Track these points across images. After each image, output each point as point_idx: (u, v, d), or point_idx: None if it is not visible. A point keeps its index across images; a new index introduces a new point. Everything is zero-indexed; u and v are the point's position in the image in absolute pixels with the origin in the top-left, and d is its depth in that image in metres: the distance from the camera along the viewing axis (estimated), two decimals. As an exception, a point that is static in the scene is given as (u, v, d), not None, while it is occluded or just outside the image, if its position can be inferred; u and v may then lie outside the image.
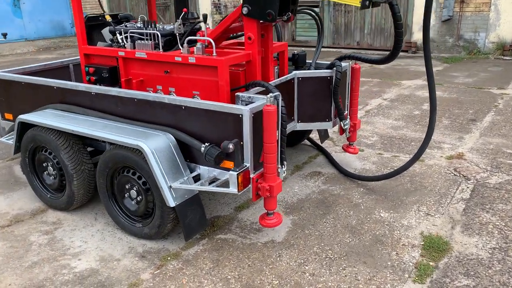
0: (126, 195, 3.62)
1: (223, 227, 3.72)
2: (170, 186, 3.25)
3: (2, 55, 15.16)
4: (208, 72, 3.64)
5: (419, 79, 9.12)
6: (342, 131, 4.57)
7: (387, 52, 3.79)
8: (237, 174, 3.12)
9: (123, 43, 4.26)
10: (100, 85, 4.31)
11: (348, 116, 4.58)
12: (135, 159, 3.38)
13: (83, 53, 4.35)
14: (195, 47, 3.73)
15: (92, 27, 4.75)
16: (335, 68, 4.18)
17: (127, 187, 3.58)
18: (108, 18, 4.38)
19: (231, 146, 3.08)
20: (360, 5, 3.12)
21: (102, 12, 4.63)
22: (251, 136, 3.19)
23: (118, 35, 4.28)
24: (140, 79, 4.06)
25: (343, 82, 4.47)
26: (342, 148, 4.77)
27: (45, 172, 4.14)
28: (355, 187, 4.35)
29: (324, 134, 5.30)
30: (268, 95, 3.15)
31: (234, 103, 3.58)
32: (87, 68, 4.28)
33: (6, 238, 3.71)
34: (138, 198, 3.55)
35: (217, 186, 3.27)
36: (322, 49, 14.26)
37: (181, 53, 3.78)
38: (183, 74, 3.80)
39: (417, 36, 12.45)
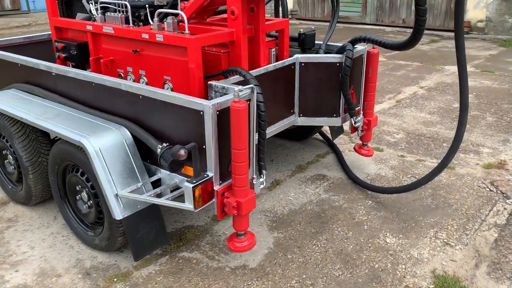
0: (78, 197, 3.07)
1: (191, 242, 3.11)
2: (117, 194, 2.65)
3: (37, 24, 15.07)
4: (179, 53, 2.96)
5: (467, 64, 7.99)
6: (353, 129, 3.79)
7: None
8: (193, 187, 2.47)
9: (95, 15, 3.65)
10: (70, 63, 3.76)
11: (361, 112, 3.78)
12: (81, 157, 2.80)
13: (53, 25, 3.78)
14: (165, 23, 3.05)
15: (73, -4, 4.17)
16: (345, 53, 3.39)
17: (77, 188, 3.03)
18: (82, -15, 3.78)
19: (183, 152, 2.42)
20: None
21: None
22: (216, 138, 2.52)
23: (91, 5, 3.67)
24: (110, 58, 3.45)
25: (358, 70, 3.68)
26: (354, 149, 3.99)
27: (5, 161, 3.66)
28: (363, 198, 3.60)
29: (336, 129, 4.51)
30: (237, 88, 2.45)
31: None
32: (56, 44, 3.71)
33: (-50, 235, 3.29)
34: (89, 203, 2.99)
35: (174, 199, 2.64)
36: (364, 27, 13.10)
37: (151, 29, 3.12)
38: (152, 54, 3.14)
39: (472, 14, 11.10)
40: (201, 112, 2.48)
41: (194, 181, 2.50)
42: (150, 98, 2.72)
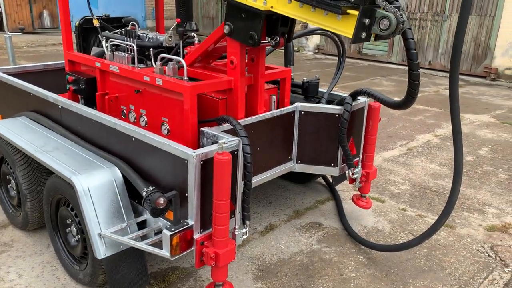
0: (68, 230, 3.13)
1: (173, 285, 3.11)
2: (100, 234, 2.69)
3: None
4: (176, 98, 3.03)
5: (488, 114, 7.85)
6: (351, 180, 3.76)
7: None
8: (170, 235, 2.49)
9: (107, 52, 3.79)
10: (80, 97, 3.90)
11: (360, 163, 3.75)
12: (71, 193, 2.86)
13: (67, 58, 3.94)
14: (166, 67, 3.14)
15: (90, 29, 4.34)
16: (343, 107, 3.40)
17: (68, 221, 3.09)
18: (96, 22, 3.92)
19: (161, 201, 2.45)
20: (352, 37, 2.33)
21: (91, 14, 4.18)
22: (198, 187, 2.54)
23: (103, 42, 3.82)
24: (116, 95, 3.56)
25: (359, 122, 3.67)
26: (352, 199, 3.94)
27: (8, 185, 3.78)
28: (355, 253, 3.53)
29: (338, 176, 4.46)
30: (222, 140, 2.49)
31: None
32: (67, 76, 3.86)
33: None
34: (77, 237, 3.04)
35: (152, 244, 2.66)
36: (390, 66, 13.06)
37: (154, 71, 3.22)
38: (153, 96, 3.23)
39: (500, 61, 10.94)
40: (185, 161, 2.51)
41: (173, 229, 2.51)
42: (141, 141, 2.78)
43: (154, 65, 3.28)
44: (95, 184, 2.76)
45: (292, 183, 4.70)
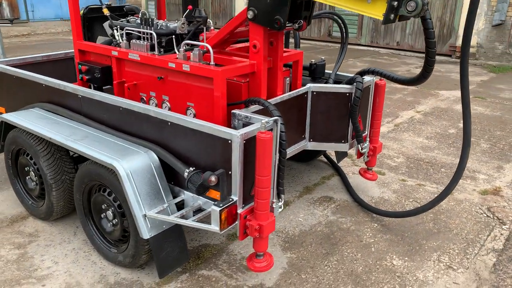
0: (103, 215, 3.22)
1: (209, 260, 3.28)
2: (145, 215, 2.82)
3: (36, 34, 15.19)
4: (204, 83, 3.16)
5: (459, 90, 8.30)
6: (360, 154, 4.02)
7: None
8: (220, 210, 2.65)
9: (119, 41, 3.84)
10: (92, 85, 3.94)
11: (368, 138, 4.01)
12: (110, 179, 2.96)
13: (77, 48, 3.96)
14: (191, 53, 3.25)
15: (94, 19, 4.35)
16: (355, 85, 3.62)
17: (103, 207, 3.18)
18: (106, 11, 3.95)
19: (213, 178, 2.60)
20: (383, 19, 2.55)
21: (101, 3, 4.20)
22: (241, 165, 2.71)
23: (115, 31, 3.86)
24: (134, 82, 3.63)
25: (365, 100, 3.91)
26: (359, 172, 4.21)
27: (27, 177, 3.80)
28: (369, 221, 3.80)
29: (341, 152, 4.73)
30: (264, 120, 2.65)
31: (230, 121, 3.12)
32: (79, 66, 3.88)
33: (-25, 249, 3.40)
34: (114, 221, 3.14)
35: (199, 220, 2.81)
36: (359, 48, 13.41)
37: (177, 58, 3.32)
38: (177, 81, 3.34)
39: (463, 40, 11.50)
40: (229, 141, 2.67)
41: (221, 205, 2.68)
42: (178, 125, 2.90)
43: (177, 52, 3.37)
44: (135, 168, 2.87)
45: (296, 162, 4.92)
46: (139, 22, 3.84)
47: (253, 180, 2.78)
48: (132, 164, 2.87)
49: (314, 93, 3.73)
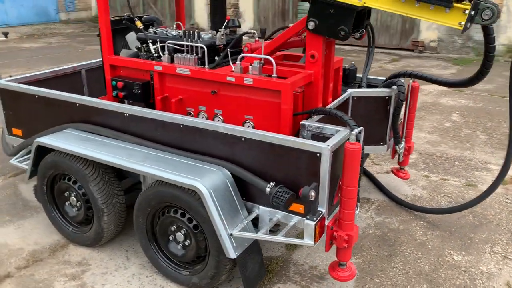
0: (171, 238, 3.11)
1: (279, 273, 3.26)
2: (231, 234, 2.76)
3: (-17, 42, 14.18)
4: (268, 96, 3.13)
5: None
6: (394, 154, 4.14)
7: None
8: (314, 224, 2.65)
9: (156, 54, 3.70)
10: (128, 102, 3.77)
11: (403, 139, 4.14)
12: (187, 199, 2.87)
13: (108, 63, 3.77)
14: (250, 66, 3.21)
15: (114, 31, 4.16)
16: (397, 88, 3.73)
17: (172, 229, 3.07)
18: (139, 24, 3.79)
19: (313, 193, 2.60)
20: (462, 28, 2.66)
21: (131, 15, 4.03)
22: (329, 177, 2.72)
23: (150, 44, 3.72)
24: (179, 97, 3.52)
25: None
26: (392, 171, 4.34)
27: (66, 203, 3.58)
28: (413, 219, 3.94)
29: (365, 154, 4.85)
30: (352, 131, 2.68)
31: (298, 132, 3.12)
32: (114, 82, 3.70)
33: (27, 285, 3.17)
34: (186, 243, 3.04)
35: (285, 234, 2.79)
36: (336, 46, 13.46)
37: (232, 71, 3.26)
38: (234, 95, 3.28)
39: (425, 35, 12.09)
40: (318, 154, 2.67)
41: (314, 219, 2.68)
42: (254, 140, 2.86)
43: (231, 65, 3.30)
44: (215, 187, 2.80)
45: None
46: (173, 34, 3.73)
47: (335, 190, 2.80)
48: (212, 183, 2.80)
49: (355, 97, 3.80)
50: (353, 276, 2.92)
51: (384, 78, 4.13)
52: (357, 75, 4.25)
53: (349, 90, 3.79)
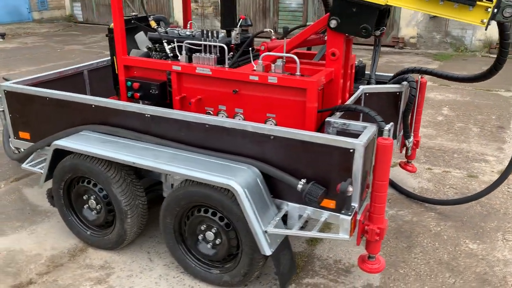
0: (200, 237, 3.11)
1: (306, 268, 3.31)
2: (266, 231, 2.79)
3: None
4: (292, 94, 3.17)
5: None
6: (402, 148, 4.25)
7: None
8: (351, 219, 2.72)
9: (170, 54, 3.69)
10: (143, 102, 3.74)
11: (412, 133, 4.25)
12: (220, 198, 2.88)
13: (122, 64, 3.72)
14: (273, 64, 3.24)
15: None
16: (408, 84, 3.83)
17: (201, 228, 3.08)
18: (154, 24, 3.76)
19: (350, 189, 2.66)
20: (485, 25, 2.77)
21: (138, 14, 3.99)
22: (361, 173, 2.79)
23: (165, 44, 3.69)
24: (198, 97, 3.52)
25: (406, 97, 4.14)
26: (400, 165, 4.45)
27: (85, 206, 3.53)
28: (424, 211, 4.06)
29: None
30: (386, 127, 2.75)
31: (323, 128, 3.17)
32: (129, 83, 3.66)
33: (52, 291, 3.12)
34: (217, 241, 3.05)
35: (320, 230, 2.85)
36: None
37: (254, 70, 3.28)
38: (256, 94, 3.30)
39: (405, 31, 12.37)
40: (351, 150, 2.73)
41: (349, 213, 2.74)
42: (284, 138, 2.89)
43: (253, 64, 3.32)
44: (248, 185, 2.83)
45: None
46: (187, 33, 3.72)
47: (364, 185, 2.88)
48: (244, 181, 2.82)
49: (367, 94, 3.88)
50: (382, 268, 3.00)
51: (391, 75, 4.23)
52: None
53: (361, 87, 3.86)
